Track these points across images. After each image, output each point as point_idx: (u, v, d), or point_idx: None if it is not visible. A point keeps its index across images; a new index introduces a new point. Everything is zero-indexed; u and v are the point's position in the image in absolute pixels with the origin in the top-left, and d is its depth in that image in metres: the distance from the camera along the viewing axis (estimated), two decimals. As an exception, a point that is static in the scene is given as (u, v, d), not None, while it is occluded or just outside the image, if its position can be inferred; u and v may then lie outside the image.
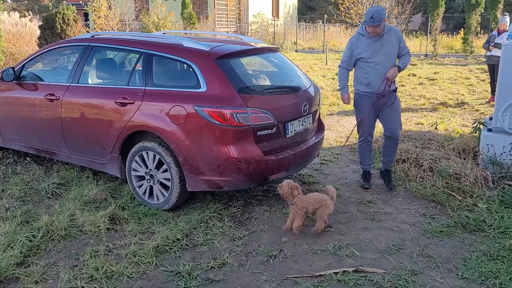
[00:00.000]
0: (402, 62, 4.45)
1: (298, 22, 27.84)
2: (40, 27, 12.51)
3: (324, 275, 3.08)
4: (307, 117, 4.27)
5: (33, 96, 4.78)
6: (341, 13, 26.55)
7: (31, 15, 15.80)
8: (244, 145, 3.69)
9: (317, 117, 4.63)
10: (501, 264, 3.17)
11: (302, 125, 4.19)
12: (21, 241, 3.41)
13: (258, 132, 3.73)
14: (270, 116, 3.77)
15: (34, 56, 5.03)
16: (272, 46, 4.89)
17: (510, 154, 4.66)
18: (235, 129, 3.63)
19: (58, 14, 12.03)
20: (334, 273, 3.09)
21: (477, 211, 4.02)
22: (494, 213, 3.94)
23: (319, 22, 29.01)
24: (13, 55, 12.07)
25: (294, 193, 3.63)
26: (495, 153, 4.73)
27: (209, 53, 3.88)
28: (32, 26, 14.44)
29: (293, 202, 3.61)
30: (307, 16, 34.76)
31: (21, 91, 4.92)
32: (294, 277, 3.08)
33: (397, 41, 4.39)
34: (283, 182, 3.68)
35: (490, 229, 3.71)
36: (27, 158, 5.38)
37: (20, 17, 14.57)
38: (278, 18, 30.13)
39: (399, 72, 4.39)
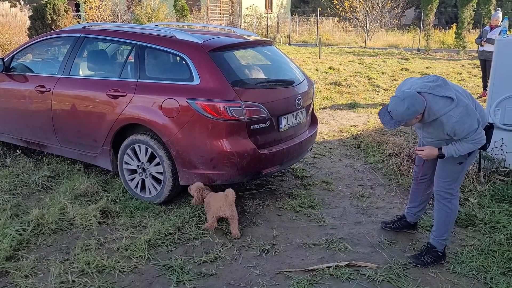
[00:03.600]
0: (449, 147, 2.94)
1: (292, 15, 27.76)
2: (30, 17, 12.36)
3: (317, 269, 3.08)
4: (301, 111, 4.25)
5: (23, 87, 4.71)
6: (335, 6, 26.54)
7: (21, 5, 15.58)
8: (237, 139, 3.67)
9: (310, 111, 4.61)
10: (492, 259, 3.20)
11: (295, 119, 4.18)
12: (10, 234, 3.37)
13: (251, 126, 3.71)
14: (264, 110, 3.75)
15: (24, 47, 4.95)
16: (266, 39, 4.86)
17: (502, 149, 4.69)
18: (229, 122, 3.60)
19: (48, 5, 11.88)
20: (326, 267, 3.09)
21: (469, 205, 4.05)
22: (485, 208, 3.96)
23: (312, 15, 28.96)
24: (2, 45, 11.91)
25: (204, 194, 3.67)
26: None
27: (203, 46, 3.84)
28: (22, 16, 14.26)
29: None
30: (301, 9, 34.66)
31: (10, 82, 4.85)
32: (287, 271, 3.07)
33: (440, 129, 2.91)
34: (191, 187, 3.71)
35: (481, 223, 3.73)
36: (17, 151, 5.31)
37: (10, 7, 14.37)
38: (271, 11, 30.04)
39: (439, 157, 3.01)
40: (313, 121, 4.77)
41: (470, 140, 2.86)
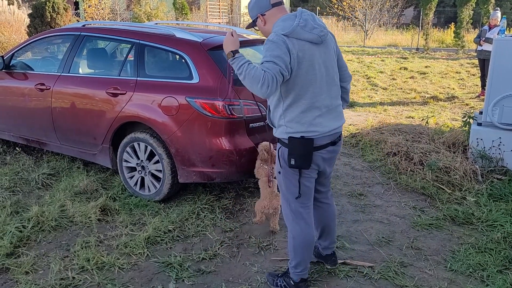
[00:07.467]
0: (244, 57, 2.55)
1: (291, 14, 27.71)
2: (29, 15, 12.35)
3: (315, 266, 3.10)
4: (299, 110, 4.27)
5: (23, 85, 4.72)
6: (334, 6, 26.54)
7: (20, 2, 15.57)
8: (236, 137, 3.69)
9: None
10: (489, 257, 3.22)
11: (294, 117, 4.19)
12: (11, 231, 3.39)
13: (250, 124, 3.73)
14: (263, 108, 3.77)
15: (23, 45, 4.96)
16: (265, 38, 4.86)
17: (499, 148, 4.71)
18: (227, 120, 3.62)
19: (47, 3, 11.88)
20: (323, 264, 3.11)
21: (466, 204, 4.07)
22: (483, 206, 3.99)
23: (311, 14, 28.89)
24: (1, 43, 11.91)
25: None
26: (484, 147, 4.78)
27: (202, 44, 3.85)
28: (20, 14, 14.25)
29: (270, 186, 3.52)
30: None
31: (10, 80, 4.86)
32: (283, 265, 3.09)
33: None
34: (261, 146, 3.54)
35: (478, 222, 3.75)
36: (17, 148, 5.33)
37: (8, 4, 14.35)
38: (270, 9, 29.97)
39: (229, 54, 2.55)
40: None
41: (262, 66, 2.47)
